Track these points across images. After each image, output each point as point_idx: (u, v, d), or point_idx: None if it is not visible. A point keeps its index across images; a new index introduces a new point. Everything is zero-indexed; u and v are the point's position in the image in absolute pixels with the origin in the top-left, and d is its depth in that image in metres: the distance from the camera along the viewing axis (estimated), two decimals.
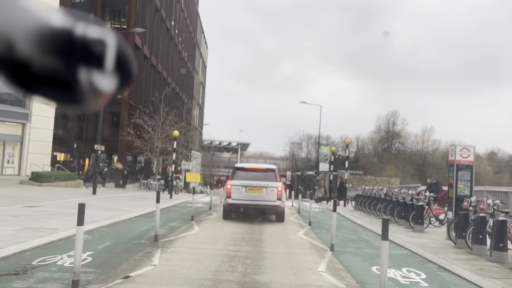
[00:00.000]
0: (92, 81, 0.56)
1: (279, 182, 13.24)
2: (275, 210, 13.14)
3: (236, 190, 12.93)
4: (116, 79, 0.59)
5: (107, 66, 0.57)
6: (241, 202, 12.87)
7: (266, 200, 12.91)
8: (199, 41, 68.19)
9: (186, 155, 41.88)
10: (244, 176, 13.35)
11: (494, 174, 74.47)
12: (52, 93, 0.57)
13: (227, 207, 13.17)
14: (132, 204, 16.56)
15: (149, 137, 30.64)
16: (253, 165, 15.26)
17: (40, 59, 0.53)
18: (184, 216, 13.64)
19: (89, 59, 0.56)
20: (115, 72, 0.59)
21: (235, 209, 13.24)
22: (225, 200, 13.12)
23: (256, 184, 12.94)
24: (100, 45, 0.56)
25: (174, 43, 50.67)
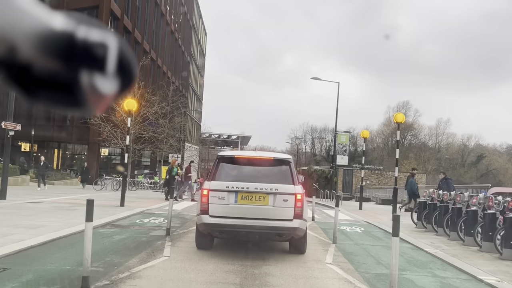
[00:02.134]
0: (94, 84, 0.56)
1: (297, 185, 7.18)
2: (291, 236, 7.12)
3: (220, 200, 6.91)
4: (118, 82, 0.59)
5: (109, 69, 0.57)
6: (228, 221, 6.86)
7: (275, 219, 6.90)
8: (196, 26, 62.92)
9: (177, 146, 35.91)
10: (234, 174, 7.36)
11: None
12: (54, 96, 0.56)
13: (203, 230, 7.11)
14: (52, 218, 10.45)
15: (120, 121, 24.53)
16: (250, 153, 8.53)
17: (42, 62, 0.54)
18: (106, 255, 6.74)
19: (90, 62, 0.55)
20: (117, 74, 0.58)
21: (218, 233, 7.22)
22: (200, 217, 7.04)
23: (256, 189, 6.94)
24: (101, 48, 0.56)
25: (165, 20, 44.99)
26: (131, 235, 8.48)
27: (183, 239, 8.48)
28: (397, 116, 13.96)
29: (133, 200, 16.49)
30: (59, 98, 0.56)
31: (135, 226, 9.96)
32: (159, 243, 7.83)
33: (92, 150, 32.33)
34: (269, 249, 7.73)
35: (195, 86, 64.23)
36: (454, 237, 9.74)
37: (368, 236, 10.24)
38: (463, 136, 73.68)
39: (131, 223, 10.36)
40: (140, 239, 8.10)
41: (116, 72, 0.58)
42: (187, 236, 8.75)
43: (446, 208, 10.62)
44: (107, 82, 0.57)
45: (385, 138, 73.48)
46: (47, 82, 0.55)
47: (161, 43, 45.08)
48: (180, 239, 8.39)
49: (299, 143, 77.18)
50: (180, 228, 9.89)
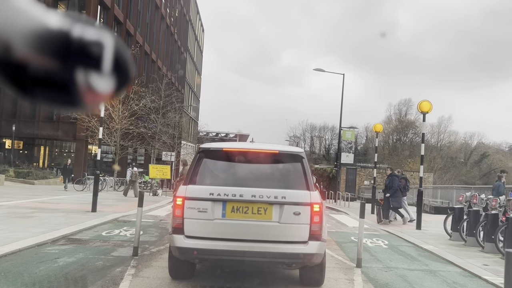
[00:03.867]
0: (90, 82, 0.56)
1: (313, 191, 4.94)
2: (303, 263, 4.89)
3: (200, 213, 4.69)
4: (114, 80, 0.58)
5: (105, 68, 0.57)
6: (213, 245, 4.66)
7: (281, 241, 4.70)
8: (193, 21, 61.02)
9: (170, 144, 33.72)
10: (222, 175, 5.18)
11: None
12: (50, 95, 0.56)
13: (177, 256, 4.86)
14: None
15: (107, 116, 22.27)
16: (246, 146, 5.97)
17: (38, 61, 0.53)
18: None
19: (86, 61, 0.55)
20: (113, 73, 0.58)
21: (198, 260, 4.99)
22: (172, 237, 4.79)
23: (254, 197, 4.73)
24: (97, 47, 0.56)
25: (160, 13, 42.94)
26: (84, 257, 6.23)
27: (155, 262, 6.24)
28: (422, 105, 11.71)
29: (112, 204, 14.26)
30: (55, 96, 0.56)
31: (98, 241, 7.71)
32: (118, 270, 5.59)
33: (79, 147, 30.11)
34: (273, 279, 5.52)
35: (192, 83, 62.49)
36: None
37: (397, 254, 8.01)
38: (465, 134, 71.81)
39: (94, 237, 8.11)
40: (94, 264, 5.85)
41: (112, 71, 0.58)
42: (161, 257, 6.51)
43: (495, 217, 8.40)
44: (103, 80, 0.57)
45: (386, 136, 71.48)
46: (43, 81, 0.55)
47: (155, 37, 43.00)
48: (151, 263, 6.14)
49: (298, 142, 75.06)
50: (156, 244, 7.64)
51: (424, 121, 12.31)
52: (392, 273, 6.33)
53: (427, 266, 7.05)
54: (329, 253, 7.37)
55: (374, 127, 21.27)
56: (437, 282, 5.98)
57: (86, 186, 21.43)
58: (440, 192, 23.95)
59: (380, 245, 8.94)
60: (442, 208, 19.50)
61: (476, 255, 8.18)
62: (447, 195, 22.16)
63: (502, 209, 8.54)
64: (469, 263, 7.20)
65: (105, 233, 8.57)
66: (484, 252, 8.45)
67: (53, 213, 10.85)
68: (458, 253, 8.25)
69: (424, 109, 11.76)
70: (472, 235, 9.06)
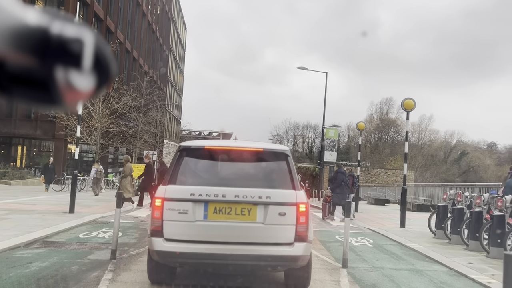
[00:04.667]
0: (70, 80, 0.54)
1: (299, 190, 4.76)
2: (289, 266, 4.71)
3: (181, 215, 4.45)
4: (95, 78, 0.57)
5: (85, 65, 0.55)
6: (194, 248, 4.43)
7: (266, 243, 4.50)
8: (175, 19, 60.42)
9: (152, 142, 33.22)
10: (204, 175, 4.94)
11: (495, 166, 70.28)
12: (28, 93, 0.55)
13: (157, 260, 4.61)
14: None
15: (86, 114, 21.73)
16: (229, 143, 5.82)
17: (15, 59, 0.52)
18: None
19: (66, 58, 0.54)
20: (93, 71, 0.57)
21: (179, 264, 4.76)
22: (151, 240, 4.55)
23: (237, 197, 4.52)
24: (77, 44, 0.54)
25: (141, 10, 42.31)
26: (58, 261, 5.93)
27: (134, 265, 5.97)
28: (406, 103, 11.66)
29: (91, 204, 13.86)
30: (33, 94, 0.55)
31: (74, 243, 7.39)
32: (94, 275, 5.31)
33: (58, 146, 29.39)
34: (257, 282, 5.33)
35: (174, 81, 61.94)
36: (495, 254, 7.49)
37: (383, 253, 7.90)
38: (445, 132, 73.01)
39: (70, 239, 7.78)
40: (69, 269, 5.56)
41: (92, 68, 0.56)
42: (140, 260, 6.25)
43: (479, 215, 8.38)
44: (83, 78, 0.56)
45: (368, 135, 72.13)
46: (22, 78, 0.53)
47: (137, 35, 42.37)
48: (129, 267, 5.88)
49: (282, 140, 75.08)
50: (135, 246, 7.37)
51: (407, 119, 12.28)
52: (379, 273, 6.21)
53: (413, 265, 6.96)
54: (314, 253, 7.20)
55: (357, 125, 21.30)
56: (424, 282, 5.88)
57: (65, 186, 20.86)
58: (422, 190, 24.14)
59: (365, 244, 8.83)
60: (424, 205, 19.62)
61: (461, 253, 8.14)
62: (429, 192, 22.33)
63: (486, 207, 8.53)
64: (455, 262, 7.13)
65: (83, 235, 8.24)
66: (468, 250, 8.42)
67: (28, 214, 10.44)
68: (443, 251, 8.20)
69: (408, 107, 11.73)
70: (456, 233, 9.04)
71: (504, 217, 7.86)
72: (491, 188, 16.36)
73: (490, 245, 7.79)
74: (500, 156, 75.09)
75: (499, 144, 77.30)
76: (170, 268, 5.01)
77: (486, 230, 8.11)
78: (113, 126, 23.78)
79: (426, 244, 8.99)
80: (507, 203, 7.35)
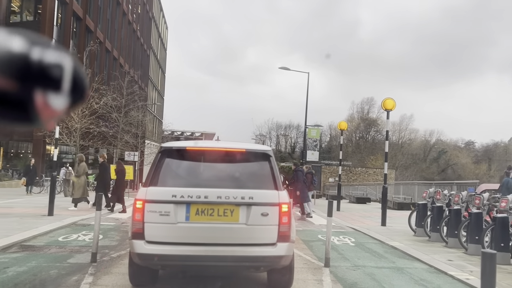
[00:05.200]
0: (47, 101, 0.56)
1: (281, 190, 4.77)
2: (272, 266, 4.71)
3: (162, 217, 4.41)
4: (70, 98, 0.59)
5: (64, 88, 0.57)
6: (176, 250, 4.39)
7: (248, 243, 4.49)
8: (156, 18, 59.90)
9: (133, 143, 32.84)
10: (186, 176, 4.89)
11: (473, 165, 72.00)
12: (5, 113, 0.56)
13: (138, 262, 4.55)
14: None
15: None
16: (211, 144, 5.98)
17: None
18: None
19: (46, 83, 0.56)
20: (70, 91, 0.58)
21: (162, 266, 4.72)
22: (132, 243, 4.49)
23: (219, 198, 4.50)
24: (58, 69, 0.56)
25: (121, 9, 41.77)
26: (37, 265, 5.80)
27: (115, 268, 5.89)
28: (386, 103, 11.82)
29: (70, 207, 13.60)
30: (11, 115, 0.56)
31: (54, 247, 7.25)
32: (74, 279, 5.22)
33: (36, 148, 28.78)
34: (239, 283, 5.32)
35: (156, 81, 61.33)
36: (473, 251, 7.65)
37: (364, 252, 7.98)
38: (425, 132, 74.23)
39: (50, 242, 7.63)
40: (48, 273, 5.45)
41: (69, 90, 0.58)
42: (122, 262, 6.17)
43: (457, 213, 8.54)
44: (60, 98, 0.57)
45: (349, 134, 72.85)
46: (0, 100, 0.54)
47: (117, 34, 41.81)
48: (110, 270, 5.79)
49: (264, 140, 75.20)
50: (116, 249, 7.27)
51: (388, 118, 12.45)
52: (360, 272, 6.27)
53: (394, 263, 7.05)
54: (297, 252, 7.23)
55: (339, 125, 21.48)
56: (405, 279, 5.96)
57: (44, 188, 20.46)
58: (403, 188, 24.50)
59: (347, 243, 8.91)
60: (405, 204, 19.91)
61: (440, 250, 8.29)
62: (409, 191, 22.68)
63: (465, 205, 8.70)
64: (434, 259, 7.26)
65: (62, 238, 8.10)
66: (448, 247, 8.58)
67: (5, 218, 10.20)
68: (423, 249, 8.33)
69: (388, 106, 11.88)
70: (436, 230, 9.20)
71: (481, 215, 8.04)
72: (469, 186, 16.72)
73: (468, 242, 7.96)
74: (477, 154, 76.85)
75: (476, 143, 79.17)
76: (152, 271, 4.96)
77: (464, 228, 8.28)
78: (93, 127, 23.42)
79: (406, 242, 9.12)
80: (510, 204, 7.39)
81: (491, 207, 8.09)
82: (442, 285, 5.75)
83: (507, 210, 7.20)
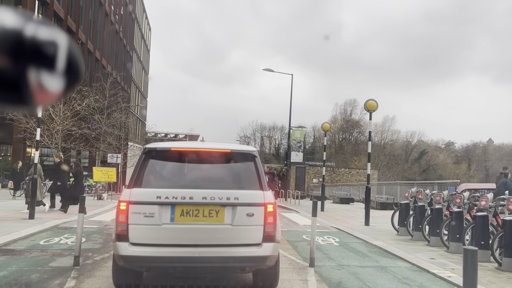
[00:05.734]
0: (41, 81, 0.55)
1: (266, 190, 4.78)
2: (257, 266, 4.72)
3: (147, 218, 4.36)
4: (65, 80, 0.58)
5: (58, 68, 0.56)
6: (161, 252, 4.36)
7: (234, 244, 4.49)
8: (139, 20, 59.40)
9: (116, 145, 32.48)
10: (170, 177, 4.86)
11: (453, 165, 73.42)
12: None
13: (122, 265, 4.50)
14: None
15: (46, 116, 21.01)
16: (195, 145, 6.01)
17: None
18: None
19: (39, 60, 0.54)
20: (64, 72, 0.57)
21: (146, 268, 4.68)
22: (116, 245, 4.44)
23: (205, 198, 4.49)
24: (52, 47, 0.55)
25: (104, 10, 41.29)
26: (17, 270, 5.69)
27: (99, 271, 5.82)
28: (368, 104, 11.97)
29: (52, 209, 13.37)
30: (4, 95, 0.54)
31: (35, 250, 7.12)
32: (56, 283, 5.14)
33: (16, 150, 28.23)
34: (224, 283, 5.31)
35: (139, 83, 60.77)
36: (454, 249, 7.79)
37: (349, 251, 8.06)
38: (406, 132, 75.30)
39: (30, 246, 7.49)
40: (29, 277, 5.36)
41: (64, 70, 0.57)
42: (105, 265, 6.10)
43: (439, 212, 8.69)
44: (54, 80, 0.56)
45: (333, 135, 73.45)
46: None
47: (99, 35, 41.30)
48: (93, 273, 5.72)
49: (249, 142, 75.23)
50: (99, 252, 7.18)
51: (370, 119, 12.60)
52: (345, 271, 6.33)
53: (378, 262, 7.13)
54: (282, 253, 7.25)
55: (322, 126, 21.62)
56: (389, 278, 6.04)
57: (24, 191, 20.02)
58: (385, 188, 24.80)
59: (331, 243, 8.98)
60: (388, 204, 20.15)
61: (423, 249, 8.42)
62: (391, 191, 22.97)
63: (446, 204, 8.86)
64: (417, 258, 7.37)
65: (43, 241, 7.96)
66: (430, 246, 8.72)
67: None
68: (406, 248, 8.45)
69: (371, 108, 12.04)
70: (418, 229, 9.34)
71: (462, 213, 8.20)
72: (450, 186, 17.02)
73: (450, 241, 8.11)
74: (457, 154, 78.36)
75: (456, 143, 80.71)
76: (136, 273, 4.92)
77: (446, 226, 8.43)
78: (75, 129, 23.10)
79: (390, 241, 9.23)
80: (490, 202, 7.52)
81: (471, 206, 8.26)
82: (424, 283, 5.84)
83: (486, 208, 7.36)
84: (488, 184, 16.58)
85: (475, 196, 8.36)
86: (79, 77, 0.60)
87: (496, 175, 12.64)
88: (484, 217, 7.29)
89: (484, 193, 8.49)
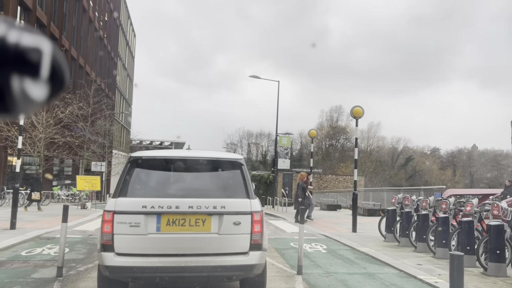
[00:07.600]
0: (25, 90, 0.54)
1: (253, 198, 4.74)
2: (244, 275, 4.66)
3: (132, 228, 4.28)
4: (49, 88, 0.56)
5: (42, 75, 0.55)
6: (146, 262, 4.27)
7: (221, 253, 4.42)
8: (124, 26, 59.08)
9: (100, 153, 32.09)
10: (156, 186, 4.78)
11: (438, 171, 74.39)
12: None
13: (108, 274, 4.39)
14: None
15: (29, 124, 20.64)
16: (181, 153, 5.26)
17: None
18: None
19: (23, 68, 0.53)
20: (48, 79, 0.56)
21: (132, 279, 4.57)
22: (100, 255, 4.34)
23: (191, 207, 4.43)
24: (36, 54, 0.54)
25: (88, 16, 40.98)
26: None
27: (82, 282, 5.68)
28: (355, 111, 12.04)
29: (34, 219, 13.12)
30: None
31: (16, 262, 6.94)
32: None
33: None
34: None
35: (123, 90, 60.30)
36: (441, 255, 7.84)
37: (336, 259, 8.04)
38: (392, 139, 76.08)
39: (12, 257, 7.30)
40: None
41: (48, 77, 0.55)
42: (89, 276, 5.96)
43: (425, 218, 8.74)
44: (38, 87, 0.55)
45: (319, 142, 73.82)
46: None
47: (83, 41, 40.90)
48: (77, 284, 5.58)
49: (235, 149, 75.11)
50: (83, 262, 7.02)
51: (357, 126, 12.68)
52: (333, 278, 6.30)
53: (366, 269, 7.12)
54: (270, 261, 7.20)
55: (309, 133, 21.69)
56: (376, 285, 6.02)
57: (5, 201, 19.65)
58: (372, 194, 24.93)
59: (319, 250, 8.95)
60: (374, 210, 20.23)
61: (410, 255, 8.44)
62: (378, 197, 23.10)
63: (432, 210, 8.92)
64: (404, 264, 7.38)
65: (25, 252, 7.76)
66: (416, 252, 8.75)
67: None
68: (393, 254, 8.47)
69: (357, 114, 12.11)
70: (405, 236, 9.37)
71: (448, 219, 8.26)
72: (436, 192, 17.18)
73: (436, 246, 8.15)
74: (442, 160, 79.43)
75: (441, 149, 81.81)
76: (122, 284, 4.81)
77: (432, 232, 8.48)
78: (58, 137, 22.74)
79: (377, 248, 9.25)
80: (475, 208, 7.63)
81: (457, 212, 8.33)
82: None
83: (472, 214, 7.42)
84: (473, 189, 16.86)
85: (461, 202, 8.45)
86: (63, 84, 0.59)
87: (505, 183, 13.78)
88: (469, 222, 7.35)
89: (469, 199, 8.58)
